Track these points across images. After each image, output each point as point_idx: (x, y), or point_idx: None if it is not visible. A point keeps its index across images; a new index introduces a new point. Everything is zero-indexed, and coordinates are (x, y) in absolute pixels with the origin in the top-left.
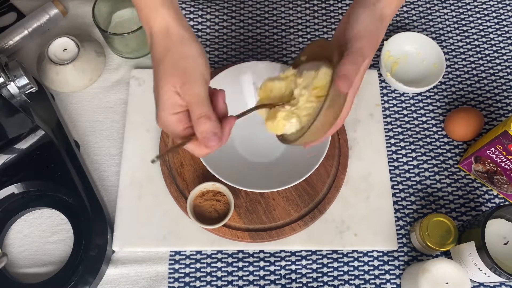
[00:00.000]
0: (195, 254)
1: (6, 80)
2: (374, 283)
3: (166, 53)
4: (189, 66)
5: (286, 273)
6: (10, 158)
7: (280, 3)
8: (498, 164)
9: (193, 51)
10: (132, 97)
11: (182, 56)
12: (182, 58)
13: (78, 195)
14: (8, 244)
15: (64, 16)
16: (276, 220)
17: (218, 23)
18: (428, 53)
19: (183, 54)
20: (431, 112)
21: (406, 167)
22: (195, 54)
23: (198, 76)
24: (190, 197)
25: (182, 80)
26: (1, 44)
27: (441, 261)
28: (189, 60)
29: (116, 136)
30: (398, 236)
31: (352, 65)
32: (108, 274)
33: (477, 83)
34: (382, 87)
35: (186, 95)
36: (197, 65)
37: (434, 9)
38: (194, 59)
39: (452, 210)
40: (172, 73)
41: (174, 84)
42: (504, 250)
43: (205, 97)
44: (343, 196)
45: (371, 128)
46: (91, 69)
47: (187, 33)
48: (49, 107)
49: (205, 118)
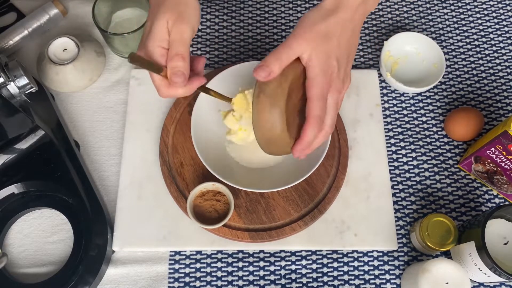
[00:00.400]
0: (195, 254)
1: (6, 80)
2: (374, 283)
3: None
4: (185, 11)
5: (286, 273)
6: (10, 158)
7: (280, 3)
8: (498, 164)
9: (193, 2)
10: (132, 97)
11: (184, 2)
12: (184, 4)
13: (78, 195)
14: (8, 244)
15: (64, 16)
16: (276, 220)
17: (218, 23)
18: (428, 53)
19: (185, 1)
20: (431, 112)
21: (406, 167)
22: (193, 5)
23: (189, 22)
24: (190, 197)
25: (176, 18)
26: (1, 44)
27: (441, 261)
28: (186, 7)
29: (116, 136)
30: (398, 236)
31: (272, 56)
32: (108, 274)
33: (477, 83)
34: (382, 87)
35: (173, 32)
36: (191, 13)
37: (434, 9)
38: (191, 8)
39: (452, 210)
40: (170, 11)
41: (168, 19)
42: (504, 250)
43: (187, 40)
44: (343, 196)
45: (371, 128)
46: (91, 69)
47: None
48: (49, 107)
49: (181, 57)
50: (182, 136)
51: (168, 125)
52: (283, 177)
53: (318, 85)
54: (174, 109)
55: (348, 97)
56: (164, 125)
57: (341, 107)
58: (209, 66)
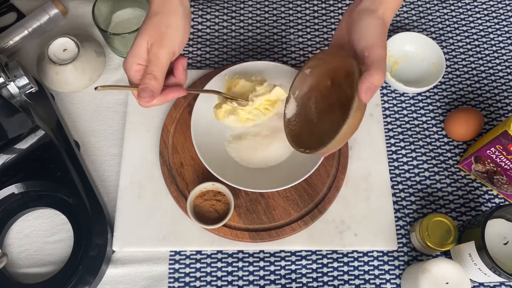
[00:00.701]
0: (195, 254)
1: (6, 80)
2: (374, 283)
3: (156, 15)
4: (166, 33)
5: (286, 273)
6: (10, 158)
7: (280, 3)
8: (498, 164)
9: (177, 24)
10: (132, 97)
11: (165, 24)
12: (165, 26)
13: (78, 195)
14: (8, 244)
15: (64, 16)
16: (276, 220)
17: (218, 23)
18: (428, 53)
19: (167, 23)
20: (431, 112)
21: (406, 167)
22: (177, 27)
23: (169, 45)
24: (190, 197)
25: (155, 41)
26: (1, 44)
27: (441, 261)
28: (169, 30)
29: (116, 136)
30: (398, 236)
31: (377, 75)
32: (108, 274)
33: (477, 83)
34: (382, 87)
35: (150, 53)
36: (173, 35)
37: (434, 9)
38: (173, 29)
39: (452, 210)
40: (151, 32)
41: (148, 40)
42: (504, 250)
43: (163, 63)
44: (343, 196)
45: (371, 128)
46: (91, 69)
47: (180, 8)
48: (49, 107)
49: (153, 76)
50: (182, 136)
51: (168, 125)
52: (283, 177)
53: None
54: (174, 109)
55: None
56: (164, 125)
57: None
58: (209, 66)
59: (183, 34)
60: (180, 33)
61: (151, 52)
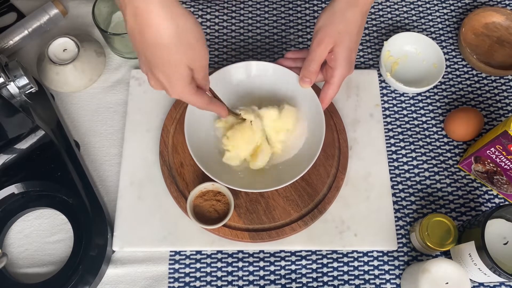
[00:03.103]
0: (195, 254)
1: (6, 80)
2: (374, 283)
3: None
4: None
5: (286, 273)
6: (10, 158)
7: (280, 3)
8: (498, 164)
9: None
10: (132, 97)
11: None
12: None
13: (78, 195)
14: (8, 244)
15: (64, 16)
16: (276, 220)
17: (218, 23)
18: (428, 53)
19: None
20: (431, 112)
21: (406, 167)
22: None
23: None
24: (190, 197)
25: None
26: (1, 44)
27: (441, 261)
28: (198, 43)
29: (116, 136)
30: (398, 236)
31: (310, 61)
32: (108, 274)
33: (477, 83)
34: (382, 87)
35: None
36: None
37: (434, 9)
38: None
39: (452, 210)
40: (185, 55)
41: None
42: (504, 250)
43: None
44: (343, 196)
45: (371, 128)
46: (91, 69)
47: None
48: (49, 107)
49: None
50: (182, 136)
51: (168, 125)
52: (282, 177)
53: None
54: (174, 109)
55: (348, 97)
56: (164, 125)
57: (341, 108)
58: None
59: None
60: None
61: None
